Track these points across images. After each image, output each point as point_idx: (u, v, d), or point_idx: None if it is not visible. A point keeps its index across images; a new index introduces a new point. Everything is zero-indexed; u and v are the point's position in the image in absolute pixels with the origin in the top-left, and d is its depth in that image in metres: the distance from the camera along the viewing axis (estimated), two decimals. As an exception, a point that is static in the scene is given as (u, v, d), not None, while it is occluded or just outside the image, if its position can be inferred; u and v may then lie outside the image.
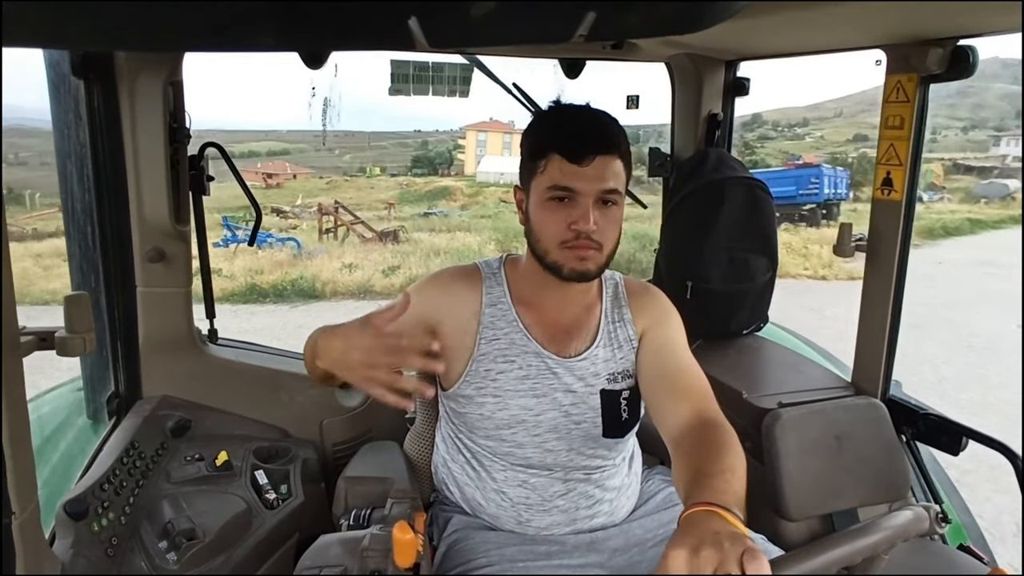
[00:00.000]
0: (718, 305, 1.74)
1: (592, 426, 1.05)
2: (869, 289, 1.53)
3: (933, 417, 1.48)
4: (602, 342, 1.08)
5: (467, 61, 1.67)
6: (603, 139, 0.96)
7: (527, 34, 0.71)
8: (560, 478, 1.06)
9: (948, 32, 1.26)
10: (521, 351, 1.05)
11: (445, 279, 1.10)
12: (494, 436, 1.06)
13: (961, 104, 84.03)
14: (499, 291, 1.08)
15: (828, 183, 16.26)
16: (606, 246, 0.98)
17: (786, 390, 1.54)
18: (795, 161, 21.27)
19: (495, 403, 1.04)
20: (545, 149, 0.96)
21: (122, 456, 1.21)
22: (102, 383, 1.47)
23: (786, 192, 15.60)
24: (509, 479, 1.06)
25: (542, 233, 0.99)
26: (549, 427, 1.04)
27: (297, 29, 0.50)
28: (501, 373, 1.04)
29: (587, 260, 0.97)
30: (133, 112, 1.29)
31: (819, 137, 68.26)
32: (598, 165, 0.94)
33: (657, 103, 1.94)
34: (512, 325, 1.06)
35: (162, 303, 1.43)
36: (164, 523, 1.13)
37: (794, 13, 1.17)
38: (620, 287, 1.13)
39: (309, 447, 1.54)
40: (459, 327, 1.06)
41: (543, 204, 0.97)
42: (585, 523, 1.07)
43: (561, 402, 1.04)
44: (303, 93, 1.78)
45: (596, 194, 0.95)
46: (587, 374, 1.06)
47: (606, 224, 0.97)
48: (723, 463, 0.79)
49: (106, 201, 1.34)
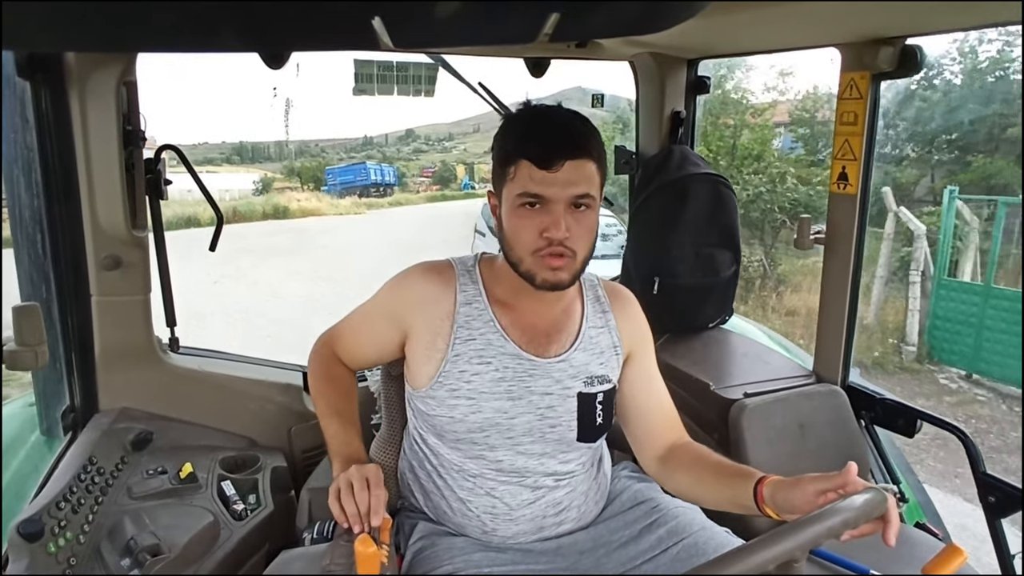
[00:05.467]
0: (685, 300, 1.77)
1: (567, 429, 1.04)
2: (828, 280, 1.58)
3: (890, 402, 1.55)
4: (582, 345, 1.07)
5: (432, 61, 1.66)
6: (573, 143, 0.93)
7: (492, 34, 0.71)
8: (529, 486, 1.04)
9: (898, 31, 1.31)
10: (498, 352, 1.03)
11: (416, 276, 1.08)
12: (465, 439, 1.03)
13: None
14: (474, 290, 1.06)
15: (374, 173, 25.76)
16: (580, 253, 0.96)
17: (751, 380, 1.58)
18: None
19: (469, 406, 1.01)
20: (514, 155, 0.95)
21: (79, 473, 1.16)
22: (56, 397, 1.41)
23: (349, 179, 25.53)
24: (476, 487, 1.04)
25: (515, 241, 0.97)
26: (524, 430, 1.03)
27: (258, 29, 0.49)
28: (476, 375, 1.02)
29: (560, 270, 0.95)
30: (84, 114, 1.24)
31: (463, 149, 75.82)
32: (569, 170, 0.92)
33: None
34: (488, 325, 1.04)
35: (119, 312, 1.38)
36: (126, 540, 1.09)
37: (753, 13, 1.20)
38: (600, 291, 1.13)
39: (278, 455, 1.51)
40: (431, 326, 1.04)
41: (514, 211, 0.96)
42: (552, 530, 1.06)
43: (537, 405, 1.03)
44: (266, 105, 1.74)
45: (567, 200, 0.93)
46: (564, 376, 1.04)
47: (580, 230, 0.95)
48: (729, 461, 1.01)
49: (57, 207, 1.28)
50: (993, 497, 1.34)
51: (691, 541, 1.02)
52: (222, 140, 59.32)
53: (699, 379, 1.59)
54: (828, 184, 1.55)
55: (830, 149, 1.51)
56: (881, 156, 7.73)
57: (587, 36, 1.28)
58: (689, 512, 1.08)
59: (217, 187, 20.30)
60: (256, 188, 24.48)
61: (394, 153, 44.62)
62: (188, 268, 4.22)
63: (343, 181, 25.22)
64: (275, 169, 32.50)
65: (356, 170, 26.36)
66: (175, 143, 1.43)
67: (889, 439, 1.62)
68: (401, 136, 47.30)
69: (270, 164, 37.71)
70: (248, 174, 27.51)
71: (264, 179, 26.83)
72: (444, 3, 0.43)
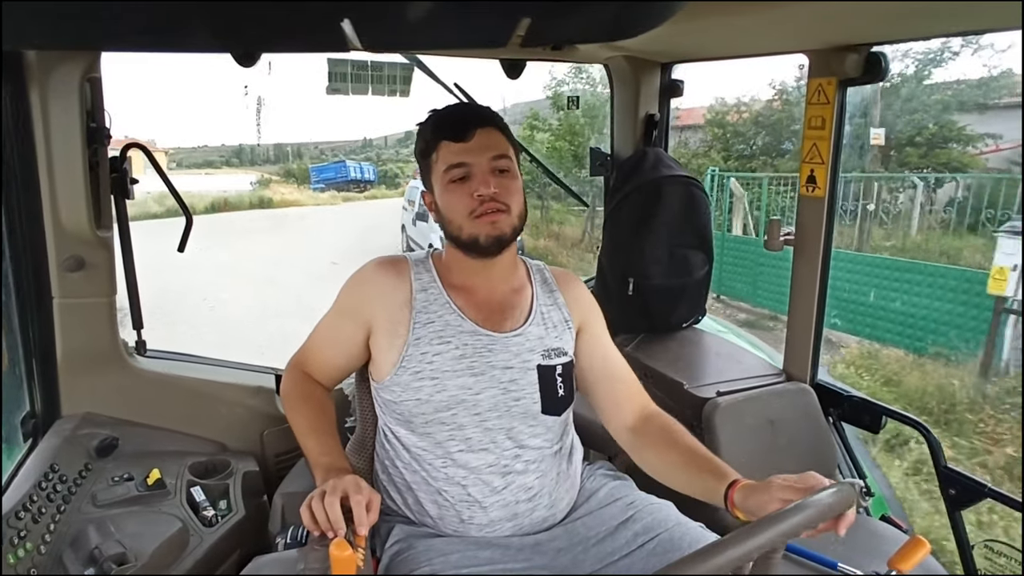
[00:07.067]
0: (659, 300, 1.80)
1: (531, 402, 1.08)
2: (797, 280, 1.62)
3: (856, 399, 1.59)
4: (535, 320, 1.13)
5: (407, 61, 1.65)
6: (478, 115, 1.07)
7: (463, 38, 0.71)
8: (499, 471, 1.06)
9: (863, 39, 1.35)
10: (456, 331, 1.07)
11: (371, 270, 1.13)
12: (433, 421, 1.06)
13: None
14: (428, 277, 1.12)
15: (353, 170, 27.26)
16: (513, 207, 1.05)
17: (724, 379, 1.61)
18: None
19: (433, 385, 1.04)
20: (432, 141, 1.06)
21: (40, 481, 1.13)
22: (15, 403, 1.36)
23: (330, 176, 27.24)
24: (450, 476, 1.06)
25: (451, 212, 1.05)
26: (489, 405, 1.06)
27: (229, 30, 0.48)
28: (437, 355, 1.05)
29: (499, 222, 1.03)
30: (46, 111, 1.20)
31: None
32: (481, 137, 1.04)
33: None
34: (445, 307, 1.09)
35: (83, 315, 1.34)
36: (90, 549, 1.06)
37: (724, 19, 1.22)
38: (547, 273, 1.21)
39: (249, 459, 1.48)
40: (391, 315, 1.08)
41: (445, 188, 1.05)
42: (526, 518, 1.08)
43: (500, 379, 1.06)
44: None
45: (488, 162, 1.03)
46: (522, 350, 1.09)
47: (506, 188, 1.04)
48: (699, 444, 1.06)
49: (16, 207, 1.24)
50: (954, 490, 1.38)
51: (667, 536, 1.04)
52: (221, 143, 58.41)
53: (673, 378, 1.61)
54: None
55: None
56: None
57: (559, 40, 1.29)
58: (664, 508, 1.10)
59: (217, 187, 21.05)
60: (253, 188, 24.99)
61: (392, 155, 44.82)
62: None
63: (324, 178, 27.54)
64: (274, 171, 32.79)
65: (336, 168, 28.72)
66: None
67: (855, 435, 1.67)
68: (400, 138, 47.88)
69: (269, 166, 37.81)
70: (246, 175, 28.03)
71: (261, 179, 27.77)
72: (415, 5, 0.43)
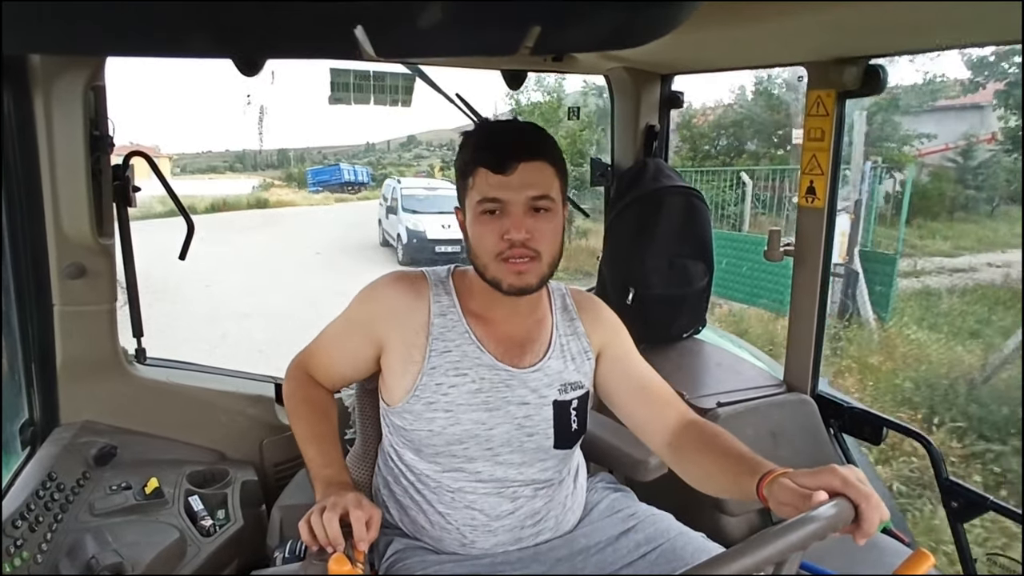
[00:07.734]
0: (660, 310, 1.80)
1: (544, 438, 1.04)
2: (797, 291, 1.62)
3: (857, 410, 1.59)
4: (554, 353, 1.07)
5: (409, 71, 1.66)
6: (526, 146, 0.96)
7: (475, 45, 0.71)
8: (508, 496, 1.04)
9: (862, 52, 1.36)
10: (474, 363, 1.02)
11: (387, 286, 1.07)
12: (444, 452, 1.02)
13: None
14: (448, 301, 1.05)
15: (348, 173, 28.65)
16: (544, 254, 0.97)
17: (724, 390, 1.60)
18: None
19: (446, 418, 1.00)
20: (471, 165, 0.97)
21: (38, 489, 1.12)
22: (14, 410, 1.35)
23: (325, 178, 28.55)
24: (455, 501, 1.03)
25: (479, 248, 0.98)
26: (502, 440, 1.03)
27: (236, 35, 0.48)
28: (453, 387, 1.01)
29: (526, 274, 0.96)
30: (49, 119, 1.20)
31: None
32: (523, 172, 0.94)
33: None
34: (464, 337, 1.03)
35: (83, 322, 1.33)
36: (87, 558, 1.05)
37: (725, 32, 1.24)
38: (568, 299, 1.14)
39: (248, 469, 1.47)
40: (406, 339, 1.03)
41: (476, 219, 0.97)
42: (530, 540, 1.06)
43: (514, 415, 1.03)
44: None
45: (525, 202, 0.94)
46: (540, 385, 1.05)
47: (541, 233, 0.96)
48: (736, 443, 0.95)
49: (18, 213, 1.24)
50: (956, 503, 1.38)
51: (668, 547, 1.03)
52: (225, 148, 58.60)
53: (675, 389, 1.61)
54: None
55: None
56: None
57: (566, 49, 1.30)
58: (665, 519, 1.09)
59: (220, 192, 21.41)
60: (253, 190, 25.83)
61: (395, 159, 44.96)
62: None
63: (320, 180, 28.78)
64: (276, 176, 33.29)
65: (331, 171, 30.14)
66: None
67: (856, 446, 1.66)
68: (403, 142, 48.14)
69: (272, 171, 38.34)
70: (249, 180, 28.63)
71: (263, 183, 28.38)
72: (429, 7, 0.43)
